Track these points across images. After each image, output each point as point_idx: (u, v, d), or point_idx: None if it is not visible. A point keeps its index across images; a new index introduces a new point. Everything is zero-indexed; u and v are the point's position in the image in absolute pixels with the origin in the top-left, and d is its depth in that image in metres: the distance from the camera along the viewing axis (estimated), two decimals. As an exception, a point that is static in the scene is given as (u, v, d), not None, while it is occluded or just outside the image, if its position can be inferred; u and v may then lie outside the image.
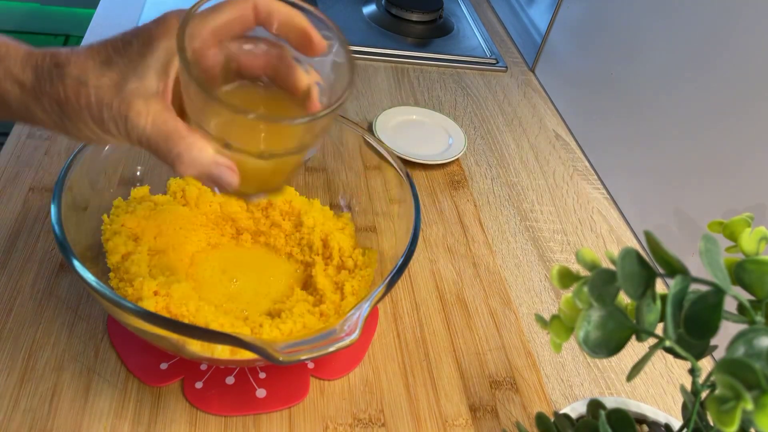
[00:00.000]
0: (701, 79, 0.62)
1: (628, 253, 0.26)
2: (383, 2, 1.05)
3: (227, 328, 0.44)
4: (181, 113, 0.35)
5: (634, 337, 0.26)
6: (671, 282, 0.25)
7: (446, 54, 0.97)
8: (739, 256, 0.30)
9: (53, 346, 0.47)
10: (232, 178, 0.34)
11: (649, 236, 0.25)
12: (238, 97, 0.37)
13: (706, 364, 0.56)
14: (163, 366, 0.47)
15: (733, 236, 0.32)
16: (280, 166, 0.37)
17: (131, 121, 0.33)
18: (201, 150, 0.33)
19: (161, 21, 0.34)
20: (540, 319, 0.30)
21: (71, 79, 0.33)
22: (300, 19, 0.35)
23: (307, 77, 0.37)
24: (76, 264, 0.39)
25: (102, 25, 0.87)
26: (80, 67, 0.33)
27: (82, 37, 0.85)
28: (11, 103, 0.35)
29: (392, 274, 0.43)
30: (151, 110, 0.33)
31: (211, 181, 0.35)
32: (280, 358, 0.35)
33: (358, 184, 0.60)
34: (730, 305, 0.25)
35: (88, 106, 0.33)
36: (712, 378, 0.24)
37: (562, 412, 0.37)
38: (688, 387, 0.29)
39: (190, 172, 0.34)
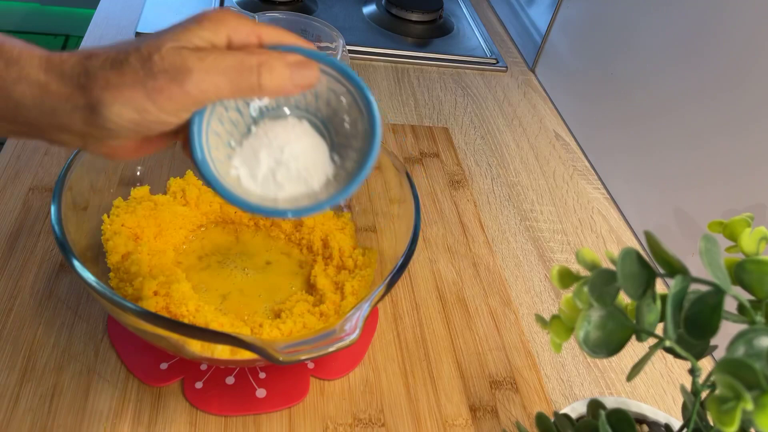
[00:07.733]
0: (701, 78, 0.62)
1: (628, 253, 0.26)
2: (383, 2, 1.05)
3: (227, 328, 0.44)
4: None
5: (634, 337, 0.26)
6: (671, 282, 0.25)
7: (446, 54, 0.97)
8: (739, 256, 0.30)
9: (53, 346, 0.47)
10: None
11: (649, 236, 0.25)
12: None
13: (706, 364, 0.56)
14: (163, 366, 0.47)
15: (733, 236, 0.32)
16: None
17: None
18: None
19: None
20: (540, 319, 0.30)
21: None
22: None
23: None
24: (76, 264, 0.39)
25: (102, 26, 0.87)
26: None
27: (81, 37, 0.85)
28: (29, 107, 0.31)
29: (392, 274, 0.43)
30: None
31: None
32: (280, 358, 0.35)
33: (358, 184, 0.60)
34: (730, 305, 0.25)
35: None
36: (712, 378, 0.24)
37: (562, 412, 0.37)
38: (688, 387, 0.29)
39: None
